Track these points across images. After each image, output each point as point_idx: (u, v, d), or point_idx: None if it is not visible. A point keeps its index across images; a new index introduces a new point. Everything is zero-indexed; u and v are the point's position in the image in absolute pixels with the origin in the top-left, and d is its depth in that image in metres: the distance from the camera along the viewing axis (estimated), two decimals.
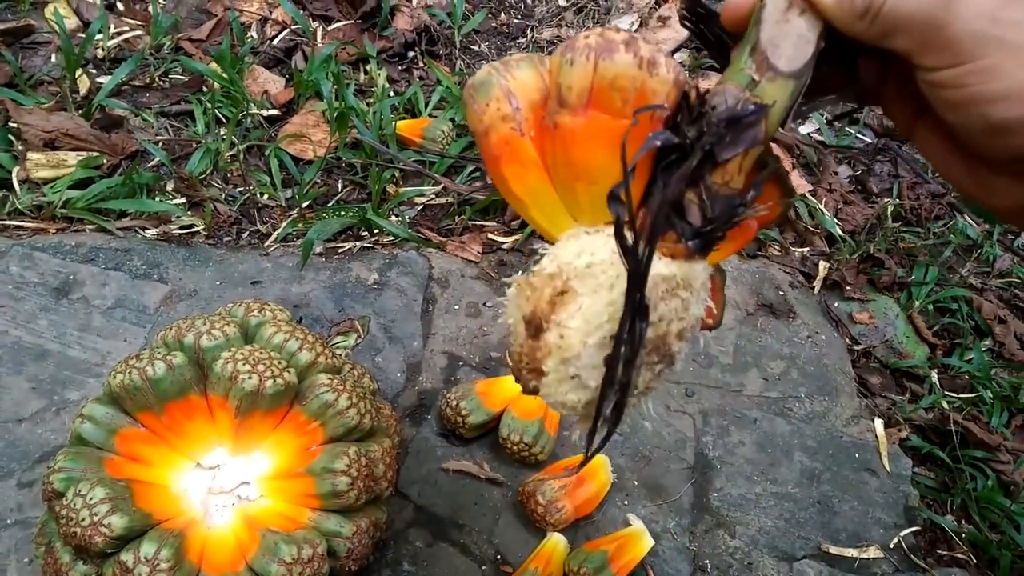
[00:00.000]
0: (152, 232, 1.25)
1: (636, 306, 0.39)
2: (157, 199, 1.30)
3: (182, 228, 1.27)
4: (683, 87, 0.41)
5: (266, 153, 1.37)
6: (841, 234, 1.44)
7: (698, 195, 0.41)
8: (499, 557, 0.97)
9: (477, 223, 1.34)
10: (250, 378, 0.73)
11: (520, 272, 0.49)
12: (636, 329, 0.39)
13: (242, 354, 0.75)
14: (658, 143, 0.39)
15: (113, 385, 0.75)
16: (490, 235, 1.32)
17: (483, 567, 0.96)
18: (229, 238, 1.27)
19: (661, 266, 0.42)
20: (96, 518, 0.66)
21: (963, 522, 1.10)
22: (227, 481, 0.78)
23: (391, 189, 1.35)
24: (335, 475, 0.75)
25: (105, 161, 1.34)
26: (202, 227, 1.26)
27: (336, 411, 0.78)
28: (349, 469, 0.75)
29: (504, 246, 1.31)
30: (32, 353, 1.07)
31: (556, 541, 0.95)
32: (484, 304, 1.23)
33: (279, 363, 0.76)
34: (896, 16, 0.36)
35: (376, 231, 1.29)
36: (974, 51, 0.34)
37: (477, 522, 0.99)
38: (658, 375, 0.45)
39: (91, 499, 0.67)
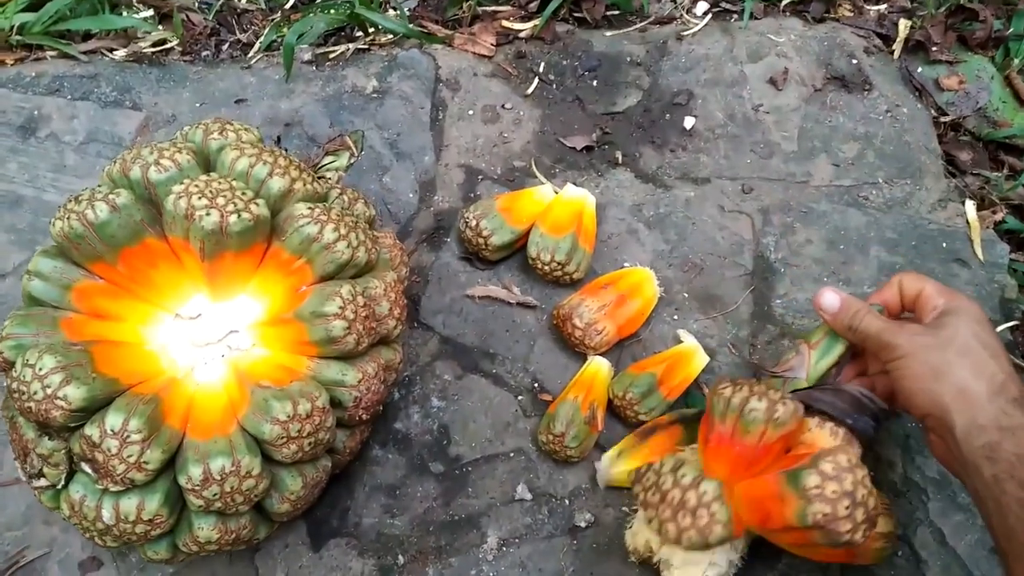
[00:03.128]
0: (121, 53, 1.10)
1: None
2: (124, 14, 1.13)
3: (154, 46, 1.11)
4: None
5: None
6: None
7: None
8: (536, 386, 0.87)
9: (488, 9, 1.14)
10: (208, 214, 0.61)
11: None
12: None
13: (196, 186, 0.62)
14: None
15: (54, 234, 0.63)
16: (504, 22, 1.12)
17: (519, 397, 0.87)
18: (207, 52, 1.11)
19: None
20: (50, 391, 0.57)
21: None
22: (212, 331, 0.68)
23: None
24: (327, 319, 0.64)
25: None
26: (175, 42, 1.10)
27: (322, 245, 0.66)
28: (343, 311, 0.64)
29: (521, 34, 1.12)
30: (6, 201, 0.96)
31: (598, 366, 0.85)
32: (502, 106, 1.06)
33: (243, 194, 0.63)
34: (865, 332, 0.70)
35: (371, 29, 1.11)
36: (905, 360, 0.66)
37: (510, 350, 0.89)
38: None
39: (40, 369, 0.57)
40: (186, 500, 0.61)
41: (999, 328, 0.91)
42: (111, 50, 1.10)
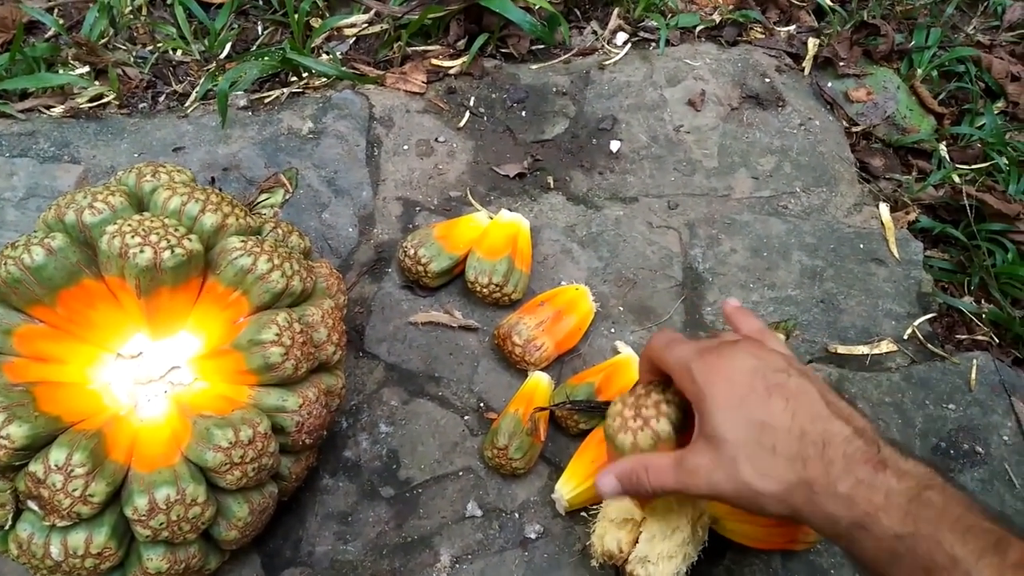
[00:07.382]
0: (58, 110, 1.11)
1: None
2: (60, 72, 1.15)
3: (90, 101, 1.13)
4: None
5: (168, 2, 1.20)
6: (830, 4, 1.28)
7: None
8: (482, 405, 0.90)
9: (418, 48, 1.19)
10: (142, 251, 0.63)
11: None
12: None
13: (130, 226, 0.64)
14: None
15: None
16: (434, 60, 1.17)
17: (465, 417, 0.89)
18: (144, 104, 1.13)
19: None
20: None
21: (983, 302, 1.01)
22: (154, 368, 0.70)
23: (315, 22, 1.19)
24: (264, 347, 0.66)
25: None
26: (112, 96, 1.12)
27: (256, 276, 0.68)
28: (280, 338, 0.66)
29: (451, 71, 1.17)
30: None
31: (538, 379, 0.87)
32: (436, 140, 1.10)
33: (176, 230, 0.65)
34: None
35: (305, 73, 1.14)
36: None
37: (454, 372, 0.92)
38: None
39: None
40: (134, 532, 0.62)
41: (917, 322, 0.97)
42: (48, 107, 1.12)
